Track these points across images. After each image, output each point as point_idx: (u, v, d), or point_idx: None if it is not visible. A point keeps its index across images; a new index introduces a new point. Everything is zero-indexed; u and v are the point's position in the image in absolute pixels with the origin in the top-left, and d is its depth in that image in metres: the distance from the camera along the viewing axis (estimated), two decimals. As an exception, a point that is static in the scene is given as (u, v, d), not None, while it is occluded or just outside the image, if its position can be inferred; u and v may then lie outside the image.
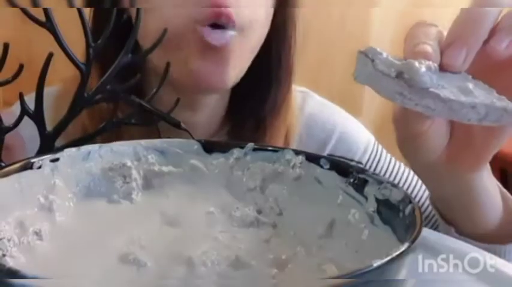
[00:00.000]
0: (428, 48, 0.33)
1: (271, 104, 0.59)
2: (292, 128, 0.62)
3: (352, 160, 0.63)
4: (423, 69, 0.30)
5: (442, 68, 0.33)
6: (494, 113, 0.31)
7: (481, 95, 0.31)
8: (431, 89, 0.30)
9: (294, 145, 0.62)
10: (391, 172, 0.65)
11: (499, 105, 0.30)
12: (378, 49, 0.32)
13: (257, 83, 0.57)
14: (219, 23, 0.48)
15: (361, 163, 0.35)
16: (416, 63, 0.31)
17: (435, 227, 0.48)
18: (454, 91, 0.31)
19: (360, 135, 0.67)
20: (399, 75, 0.30)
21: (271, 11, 0.54)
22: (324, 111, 0.67)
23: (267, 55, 0.56)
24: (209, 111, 0.59)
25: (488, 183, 0.42)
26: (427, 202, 0.51)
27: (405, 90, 0.30)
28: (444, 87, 0.31)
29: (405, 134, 0.39)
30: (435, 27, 0.35)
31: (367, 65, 0.32)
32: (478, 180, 0.41)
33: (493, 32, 0.34)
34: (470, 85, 0.31)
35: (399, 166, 0.65)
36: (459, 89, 0.31)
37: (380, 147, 0.67)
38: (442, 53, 0.34)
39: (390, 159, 0.66)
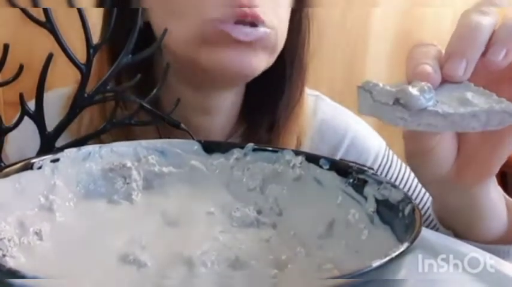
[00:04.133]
0: (428, 68, 0.34)
1: (284, 104, 0.59)
2: (304, 130, 0.62)
3: (364, 166, 0.63)
4: (416, 92, 0.31)
5: (444, 80, 0.34)
6: (495, 117, 0.31)
7: (480, 102, 0.32)
8: (429, 108, 0.31)
9: (306, 148, 0.61)
10: (402, 178, 0.65)
11: (498, 109, 0.31)
12: (374, 81, 0.33)
13: (271, 83, 0.57)
14: (245, 22, 0.48)
15: (372, 169, 0.36)
16: (410, 88, 0.32)
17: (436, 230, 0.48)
18: (453, 104, 0.32)
19: (371, 141, 0.66)
20: (396, 101, 0.32)
21: (290, 10, 0.54)
22: (336, 116, 0.66)
23: (281, 54, 0.56)
24: (224, 114, 0.59)
25: (494, 195, 0.43)
26: None
27: (405, 114, 0.31)
28: (443, 103, 0.32)
29: (415, 150, 0.40)
30: (434, 46, 0.36)
31: (366, 98, 0.33)
32: (484, 193, 0.42)
33: (488, 46, 0.34)
34: (469, 94, 0.32)
35: (410, 173, 0.65)
36: (458, 100, 0.32)
37: (391, 153, 0.66)
38: (442, 67, 0.34)
39: (401, 165, 0.66)
